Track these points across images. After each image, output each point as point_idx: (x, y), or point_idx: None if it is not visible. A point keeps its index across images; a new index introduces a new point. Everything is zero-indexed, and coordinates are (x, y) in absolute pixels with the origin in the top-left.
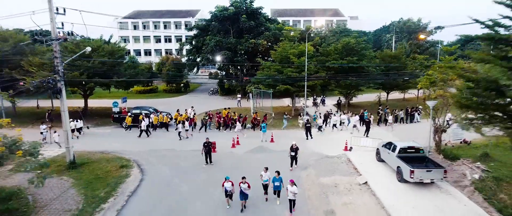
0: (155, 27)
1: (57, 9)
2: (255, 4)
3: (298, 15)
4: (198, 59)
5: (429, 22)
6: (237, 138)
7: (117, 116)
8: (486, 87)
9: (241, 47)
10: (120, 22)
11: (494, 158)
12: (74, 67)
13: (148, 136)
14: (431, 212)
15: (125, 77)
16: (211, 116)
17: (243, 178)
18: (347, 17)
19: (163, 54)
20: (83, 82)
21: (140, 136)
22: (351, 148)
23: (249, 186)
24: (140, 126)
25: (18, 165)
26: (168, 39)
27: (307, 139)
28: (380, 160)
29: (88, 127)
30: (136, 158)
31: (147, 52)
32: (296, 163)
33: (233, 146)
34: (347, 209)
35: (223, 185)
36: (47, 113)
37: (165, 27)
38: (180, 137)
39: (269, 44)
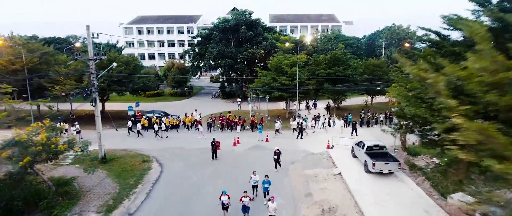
0: (159, 32)
1: (92, 34)
2: (254, 16)
3: (295, 21)
4: (202, 64)
5: (417, 29)
6: (238, 138)
7: (133, 118)
8: (412, 116)
9: (241, 55)
10: (126, 28)
11: (448, 155)
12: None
13: (155, 137)
14: (384, 193)
15: (139, 85)
16: (214, 118)
17: (245, 192)
18: (342, 23)
19: (167, 57)
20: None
21: (156, 137)
22: (332, 146)
23: (250, 199)
24: (154, 128)
25: (76, 158)
26: (171, 44)
27: (297, 138)
28: (354, 156)
29: (116, 129)
30: (154, 155)
31: (151, 56)
32: (279, 165)
33: (234, 145)
34: (322, 192)
35: (220, 198)
36: (70, 116)
37: (168, 32)
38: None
39: (267, 51)
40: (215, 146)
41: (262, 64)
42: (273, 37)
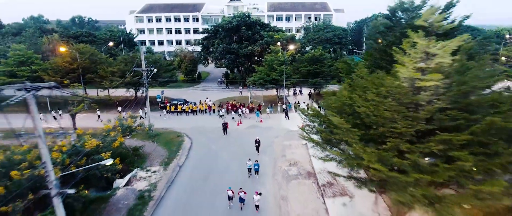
0: (167, 20)
1: (144, 50)
2: (253, 17)
3: (290, 10)
4: (209, 56)
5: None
6: (240, 120)
7: (162, 104)
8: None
9: (242, 51)
10: (136, 16)
11: None
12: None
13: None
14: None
15: (165, 77)
16: (222, 104)
17: (241, 189)
18: (332, 12)
19: (174, 43)
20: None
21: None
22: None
23: (245, 193)
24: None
25: (143, 133)
26: (178, 31)
27: (285, 119)
28: None
29: (160, 115)
30: (184, 132)
31: (160, 42)
32: (258, 151)
33: (238, 124)
34: (292, 154)
35: (227, 192)
36: (117, 103)
37: (175, 20)
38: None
39: (263, 48)
40: (225, 125)
41: (259, 58)
42: (268, 35)
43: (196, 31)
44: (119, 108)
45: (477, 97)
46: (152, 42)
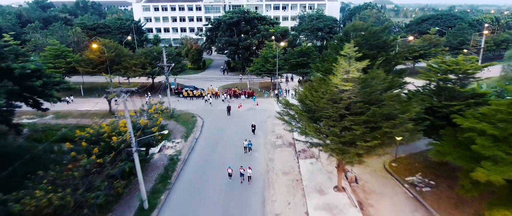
0: (172, 9)
1: (166, 56)
2: (251, 11)
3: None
4: (212, 47)
5: (383, 6)
6: (240, 104)
7: (176, 91)
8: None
9: (241, 43)
10: (143, 5)
11: None
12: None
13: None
14: None
15: (178, 68)
16: (226, 90)
17: (241, 166)
18: (326, 1)
19: (179, 31)
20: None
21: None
22: None
23: (244, 170)
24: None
25: (167, 114)
26: (182, 19)
27: (277, 102)
28: None
29: (177, 100)
30: (196, 113)
31: (166, 29)
32: (254, 133)
33: (239, 107)
34: (280, 130)
35: (227, 170)
36: (144, 89)
37: (179, 9)
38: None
39: (260, 41)
40: (229, 108)
41: (256, 49)
42: (265, 29)
43: (199, 19)
44: (149, 94)
45: (376, 95)
46: (158, 30)
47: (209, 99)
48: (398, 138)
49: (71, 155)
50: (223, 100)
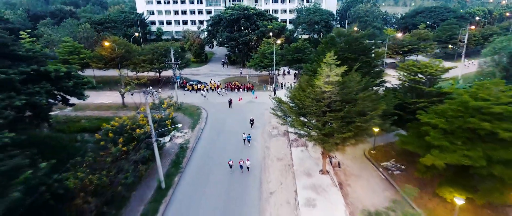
0: (174, 2)
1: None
2: (250, 8)
3: None
4: (214, 42)
5: (376, 2)
6: (241, 97)
7: (181, 84)
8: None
9: (241, 39)
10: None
11: None
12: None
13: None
14: None
15: (183, 64)
16: (227, 84)
17: (241, 159)
18: None
19: (181, 23)
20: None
21: (198, 93)
22: None
23: (243, 162)
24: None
25: (170, 105)
26: (183, 12)
27: (274, 95)
28: None
29: (184, 94)
30: (200, 105)
31: (168, 22)
32: (252, 126)
33: (239, 100)
34: (275, 122)
35: (228, 162)
36: (160, 81)
37: (181, 2)
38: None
39: (258, 37)
40: (230, 101)
41: (255, 44)
42: (263, 24)
43: (200, 12)
44: (160, 89)
45: (352, 95)
46: (161, 22)
47: (206, 92)
48: (376, 129)
49: (100, 144)
50: (218, 94)
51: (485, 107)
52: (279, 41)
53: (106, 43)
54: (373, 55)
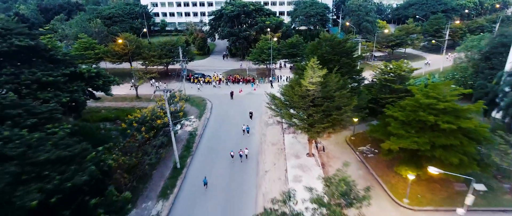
0: None
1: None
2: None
3: None
4: (216, 35)
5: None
6: (241, 89)
7: (187, 77)
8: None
9: (241, 34)
10: None
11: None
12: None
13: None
14: None
15: (187, 58)
16: (228, 77)
17: (240, 149)
18: None
19: (183, 15)
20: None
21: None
22: None
23: (243, 152)
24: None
25: (182, 98)
26: (186, 4)
27: (271, 87)
28: None
29: (191, 87)
30: (205, 97)
31: (171, 14)
32: (251, 118)
33: (240, 92)
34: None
35: (229, 153)
36: (176, 73)
37: None
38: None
39: (257, 32)
40: (232, 93)
41: (255, 38)
42: (262, 20)
43: (201, 4)
44: (174, 81)
45: (330, 93)
46: (165, 14)
47: (201, 85)
48: (355, 120)
49: (127, 132)
50: (214, 86)
51: (433, 104)
52: (275, 38)
53: (119, 41)
54: (354, 56)
